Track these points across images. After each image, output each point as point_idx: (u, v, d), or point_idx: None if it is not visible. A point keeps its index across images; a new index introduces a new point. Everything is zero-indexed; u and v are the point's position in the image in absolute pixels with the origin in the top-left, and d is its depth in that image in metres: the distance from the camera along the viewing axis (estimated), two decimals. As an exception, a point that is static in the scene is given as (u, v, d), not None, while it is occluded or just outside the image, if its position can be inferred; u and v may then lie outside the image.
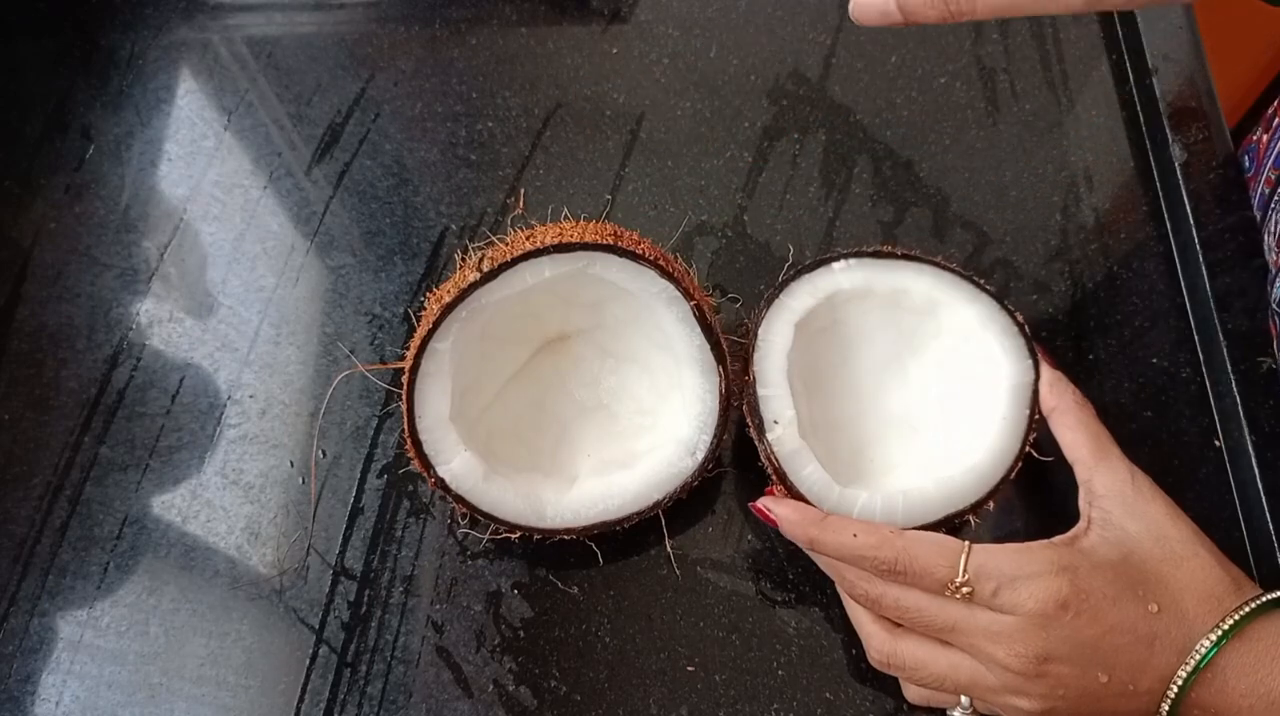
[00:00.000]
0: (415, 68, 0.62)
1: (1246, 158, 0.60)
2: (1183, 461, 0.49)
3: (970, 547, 0.39)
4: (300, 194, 0.58)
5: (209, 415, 0.52)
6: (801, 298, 0.46)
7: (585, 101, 0.61)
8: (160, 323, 0.55)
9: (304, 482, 0.50)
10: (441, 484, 0.43)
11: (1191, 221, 0.54)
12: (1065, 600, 0.37)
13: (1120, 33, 0.62)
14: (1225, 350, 0.50)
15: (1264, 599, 0.38)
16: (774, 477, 0.44)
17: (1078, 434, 0.43)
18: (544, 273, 0.42)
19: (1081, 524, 0.42)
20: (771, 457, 0.43)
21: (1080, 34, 0.63)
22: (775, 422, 0.44)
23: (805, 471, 0.43)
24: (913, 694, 0.43)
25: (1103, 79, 0.61)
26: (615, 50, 0.63)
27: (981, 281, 0.46)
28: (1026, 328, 0.45)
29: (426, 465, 0.43)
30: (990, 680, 0.39)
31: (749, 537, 0.48)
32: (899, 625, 0.42)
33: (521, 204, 0.56)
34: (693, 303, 0.43)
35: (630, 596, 0.47)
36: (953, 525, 0.44)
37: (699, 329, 0.43)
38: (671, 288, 0.43)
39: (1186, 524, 0.41)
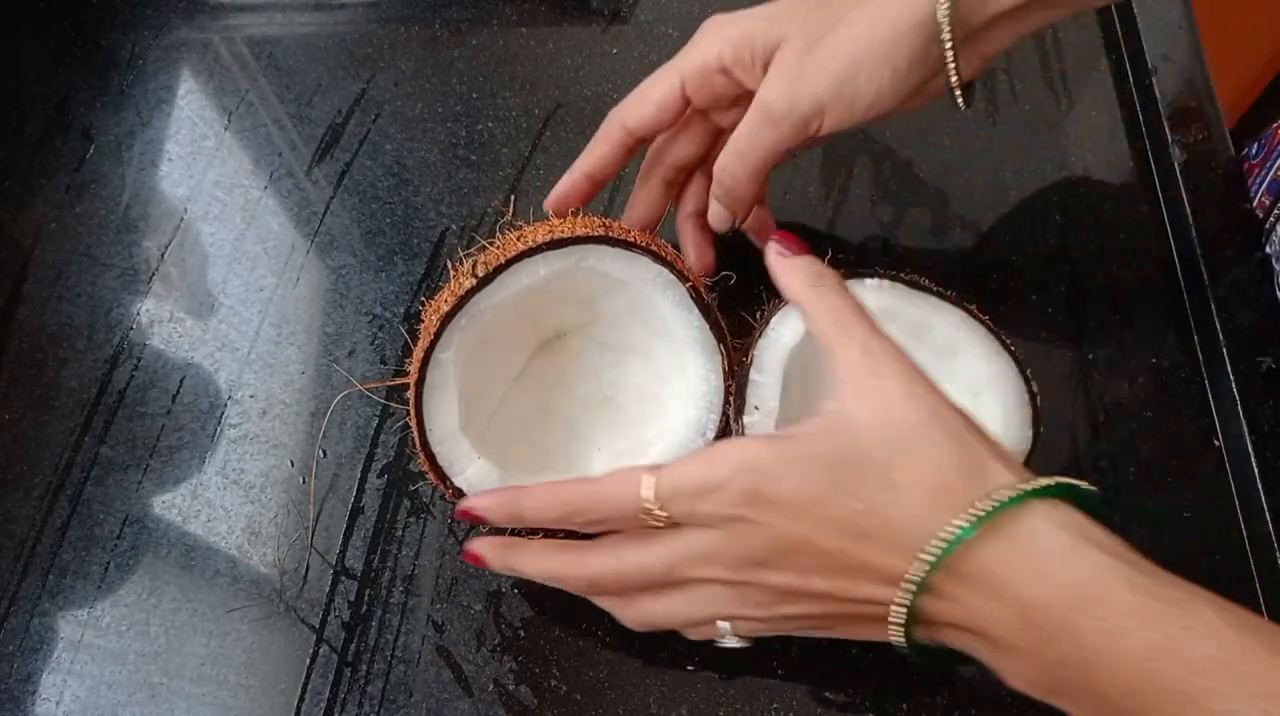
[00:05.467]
0: (415, 68, 0.62)
1: (1257, 144, 0.60)
2: (1183, 461, 0.49)
3: (656, 470, 0.37)
4: (300, 194, 0.58)
5: (209, 415, 0.52)
6: None
7: (585, 101, 0.61)
8: (160, 322, 0.55)
9: (304, 482, 0.50)
10: (460, 495, 0.43)
11: (1191, 221, 0.54)
12: (751, 498, 0.34)
13: (1120, 33, 0.62)
14: (1225, 350, 0.50)
15: (994, 503, 0.32)
16: None
17: (821, 319, 0.39)
18: (539, 271, 0.42)
19: (811, 414, 0.38)
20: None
21: (1080, 34, 0.63)
22: (756, 408, 0.43)
23: None
24: (631, 616, 0.41)
25: (1102, 79, 0.61)
26: (615, 50, 0.63)
27: (1008, 341, 0.44)
28: (1038, 398, 0.44)
29: (442, 477, 0.43)
30: (712, 600, 0.38)
31: (749, 537, 0.48)
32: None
33: (511, 210, 0.56)
34: (689, 284, 0.43)
35: (630, 596, 0.47)
36: None
37: (697, 310, 0.43)
38: (666, 272, 0.43)
39: (927, 403, 0.35)
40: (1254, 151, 0.60)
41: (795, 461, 0.35)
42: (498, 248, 0.43)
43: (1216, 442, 0.49)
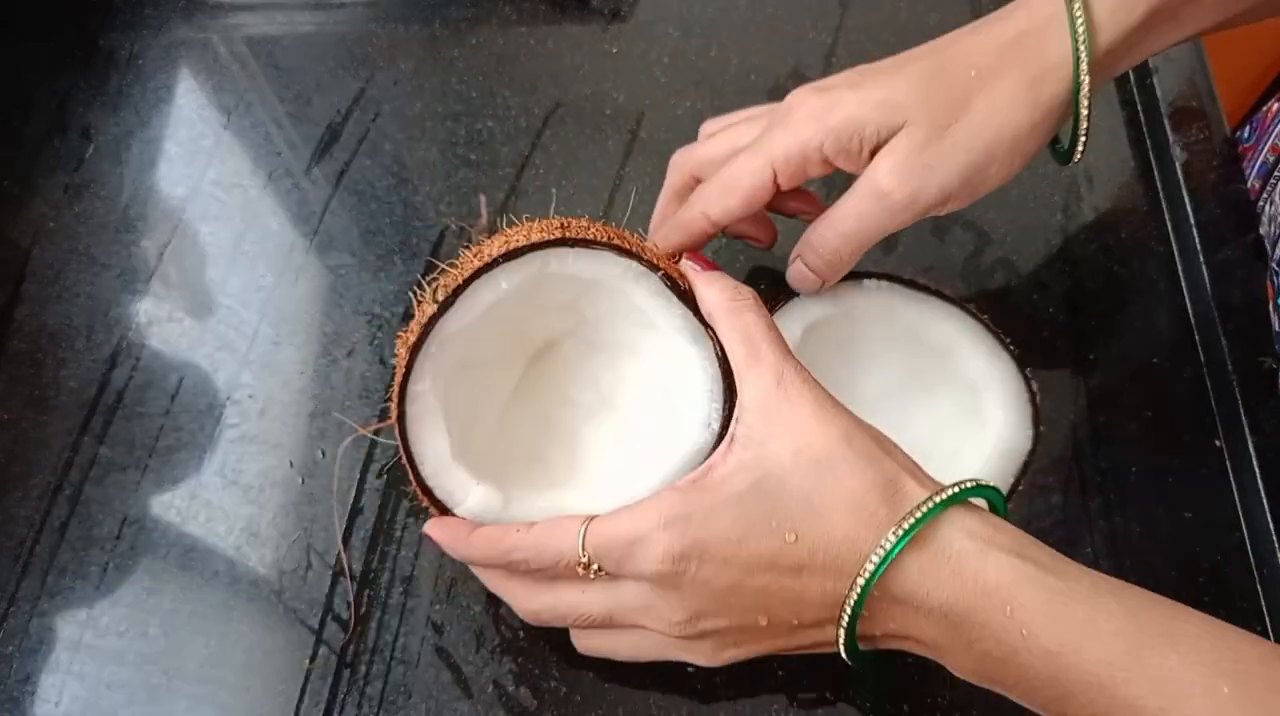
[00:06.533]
0: (415, 67, 0.62)
1: (1248, 128, 0.60)
2: (1183, 461, 0.49)
3: (589, 522, 0.38)
4: (300, 193, 0.58)
5: (208, 415, 0.52)
6: (821, 304, 0.45)
7: (585, 101, 0.61)
8: (160, 322, 0.55)
9: (304, 483, 0.50)
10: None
11: (1192, 221, 0.54)
12: (681, 554, 0.35)
13: (1120, 32, 0.62)
14: (1225, 350, 0.50)
15: (916, 515, 0.34)
16: None
17: (732, 335, 0.39)
18: (501, 285, 0.40)
19: (723, 445, 0.38)
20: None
21: (1080, 33, 0.62)
22: None
23: None
24: (583, 646, 0.42)
25: (1103, 78, 0.61)
26: (615, 50, 0.63)
27: (1007, 340, 0.45)
28: (1038, 397, 0.44)
29: (443, 510, 0.42)
30: (658, 645, 0.39)
31: (749, 538, 0.48)
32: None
33: (484, 217, 0.56)
34: (660, 273, 0.41)
35: (630, 596, 0.47)
36: None
37: (675, 298, 0.41)
38: (634, 264, 0.40)
39: (837, 426, 0.36)
40: (1246, 135, 0.60)
41: (719, 505, 0.36)
42: (456, 268, 0.42)
43: (1217, 443, 0.49)
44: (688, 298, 0.41)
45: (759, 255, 0.55)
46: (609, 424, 0.49)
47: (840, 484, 0.35)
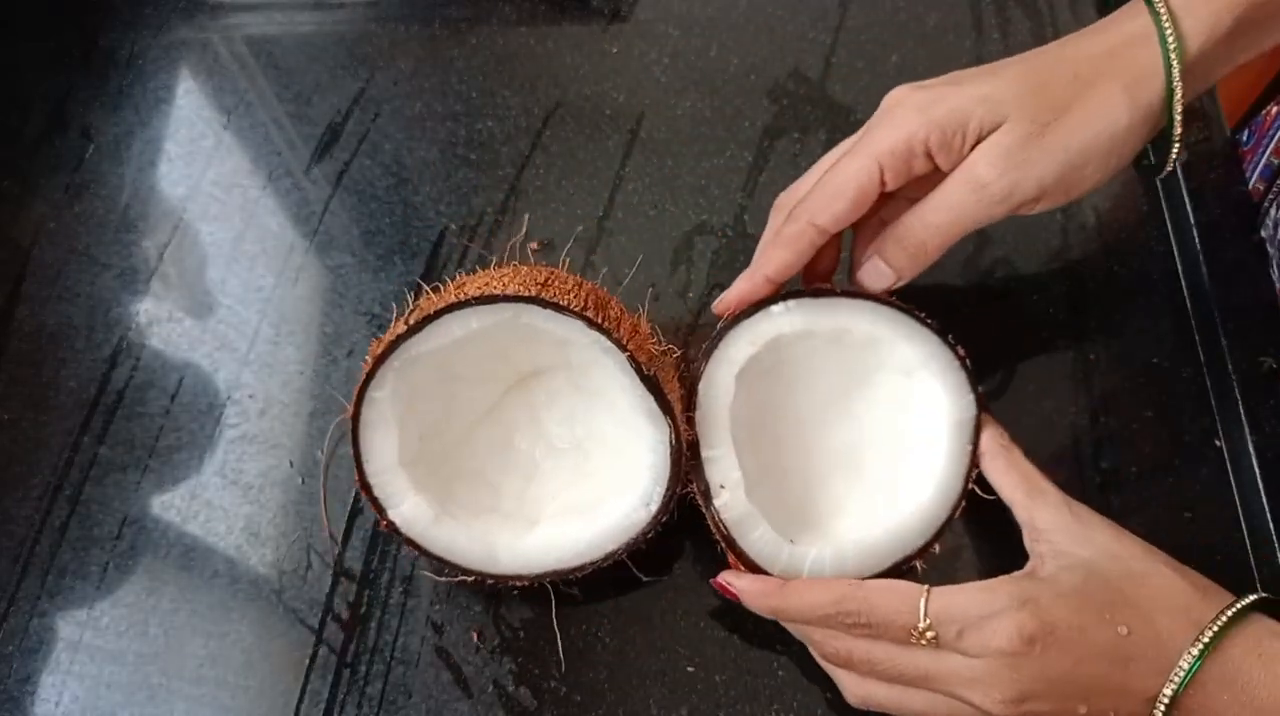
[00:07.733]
0: (415, 67, 0.62)
1: (1246, 131, 0.60)
2: (1183, 461, 0.49)
3: (929, 592, 0.39)
4: (299, 193, 0.58)
5: (208, 415, 0.52)
6: (741, 347, 0.44)
7: (585, 101, 0.61)
8: (159, 322, 0.55)
9: (303, 482, 0.50)
10: (393, 527, 0.43)
11: (1192, 221, 0.54)
12: (1032, 635, 0.37)
13: (1120, 32, 0.62)
14: (1225, 350, 0.50)
15: (1236, 607, 0.37)
16: (722, 544, 0.43)
17: (1010, 475, 0.43)
18: (471, 324, 0.41)
19: (1034, 561, 0.41)
20: (719, 525, 0.42)
21: (1080, 33, 0.62)
22: (721, 487, 0.43)
23: (754, 535, 0.42)
24: (854, 698, 0.42)
25: (1103, 78, 0.61)
26: (615, 50, 0.63)
27: (923, 315, 0.44)
28: (968, 362, 0.44)
29: (379, 509, 0.43)
30: (957, 710, 0.39)
31: (749, 538, 0.48)
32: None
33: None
34: (626, 354, 0.41)
35: (630, 596, 0.47)
36: (901, 571, 0.43)
37: (637, 379, 0.41)
38: (603, 339, 0.41)
39: (1134, 541, 0.40)
40: (1245, 138, 0.60)
41: (1063, 593, 0.38)
42: (438, 296, 0.43)
43: (1217, 442, 0.49)
44: (650, 381, 0.41)
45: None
46: (569, 467, 0.49)
47: (1160, 587, 0.38)
